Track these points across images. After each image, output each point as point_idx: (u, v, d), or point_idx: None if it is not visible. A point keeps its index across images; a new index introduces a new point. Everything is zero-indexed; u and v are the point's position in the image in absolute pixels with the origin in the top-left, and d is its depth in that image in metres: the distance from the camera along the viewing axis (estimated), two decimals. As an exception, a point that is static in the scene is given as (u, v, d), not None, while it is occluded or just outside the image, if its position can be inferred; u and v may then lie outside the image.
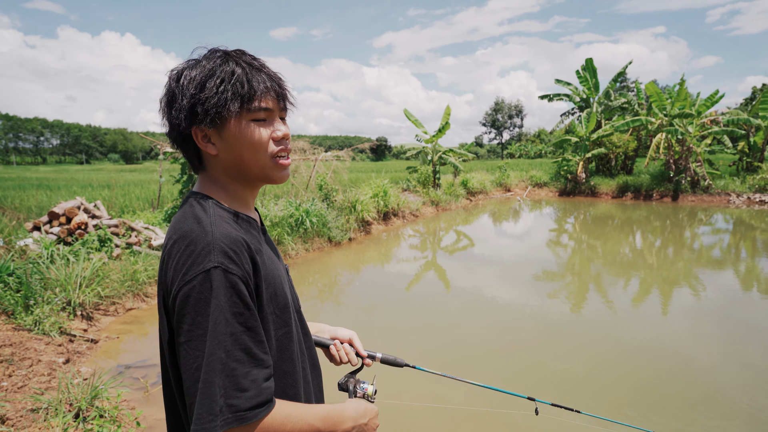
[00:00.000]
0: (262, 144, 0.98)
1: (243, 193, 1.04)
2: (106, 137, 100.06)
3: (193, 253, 0.87)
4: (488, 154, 78.87)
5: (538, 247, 10.77)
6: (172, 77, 0.97)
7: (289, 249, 8.97)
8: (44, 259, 5.72)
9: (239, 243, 0.91)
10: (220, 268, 0.86)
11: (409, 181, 18.31)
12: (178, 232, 0.92)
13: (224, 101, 0.93)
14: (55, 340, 4.56)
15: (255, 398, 0.85)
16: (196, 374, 0.83)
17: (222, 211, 0.97)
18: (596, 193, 20.81)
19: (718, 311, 6.07)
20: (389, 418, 3.50)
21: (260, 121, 0.98)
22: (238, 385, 0.84)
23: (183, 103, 0.95)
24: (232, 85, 0.94)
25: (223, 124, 0.96)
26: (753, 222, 13.55)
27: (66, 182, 18.74)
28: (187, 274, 0.86)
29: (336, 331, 1.34)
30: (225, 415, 0.82)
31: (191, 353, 0.84)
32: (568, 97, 24.34)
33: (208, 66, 0.95)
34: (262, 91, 0.96)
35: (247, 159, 0.98)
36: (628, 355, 4.74)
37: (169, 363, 0.94)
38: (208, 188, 1.02)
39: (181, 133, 0.98)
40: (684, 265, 8.80)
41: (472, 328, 5.56)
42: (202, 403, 0.82)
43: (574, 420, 1.44)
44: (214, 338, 0.84)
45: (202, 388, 0.82)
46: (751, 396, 3.84)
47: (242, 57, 0.98)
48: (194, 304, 0.85)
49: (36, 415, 3.09)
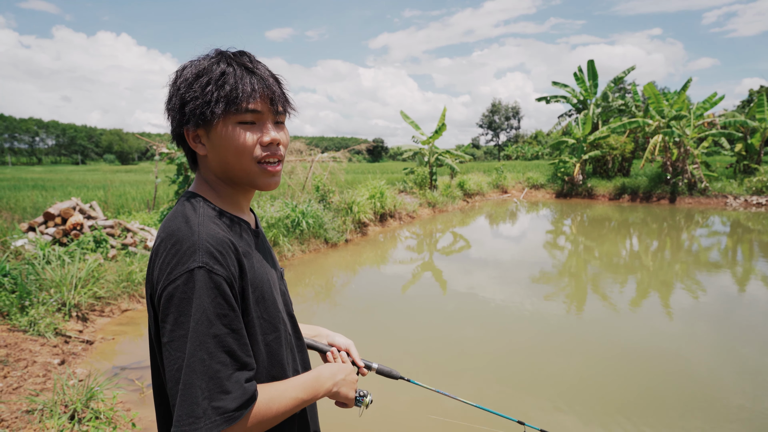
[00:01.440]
0: (246, 148, 0.95)
1: (234, 196, 1.03)
2: (101, 138, 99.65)
3: (179, 252, 0.87)
4: (485, 156, 78.95)
5: (535, 249, 10.79)
6: (171, 79, 0.98)
7: (285, 250, 8.96)
8: (39, 260, 5.69)
9: (225, 244, 0.90)
10: (205, 268, 0.85)
11: (405, 182, 18.31)
12: (166, 231, 0.92)
13: (208, 102, 0.92)
14: (50, 341, 4.54)
15: (240, 398, 0.85)
16: (176, 375, 0.83)
17: (211, 211, 0.97)
18: (593, 195, 20.87)
19: (715, 314, 6.09)
20: (378, 427, 3.49)
21: (248, 124, 0.95)
22: (222, 388, 0.83)
23: (175, 102, 0.96)
24: (218, 87, 0.92)
25: (209, 126, 0.94)
26: (750, 224, 13.61)
27: (61, 183, 18.67)
28: (171, 273, 0.86)
29: (334, 338, 1.34)
30: (212, 418, 0.82)
31: (173, 354, 0.84)
32: (566, 99, 24.41)
33: (200, 66, 0.95)
34: (248, 93, 0.93)
35: (232, 162, 0.96)
36: (624, 357, 4.75)
37: (159, 360, 0.94)
38: (201, 188, 1.02)
39: (175, 132, 0.98)
40: (681, 267, 8.83)
41: (468, 330, 5.55)
42: (182, 405, 0.81)
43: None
44: (195, 339, 0.83)
45: (182, 390, 0.82)
46: (749, 399, 3.85)
47: (238, 58, 0.96)
48: (177, 303, 0.84)
49: (31, 416, 3.07)
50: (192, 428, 0.80)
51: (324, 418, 1.44)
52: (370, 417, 3.37)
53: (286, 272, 8.12)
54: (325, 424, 1.57)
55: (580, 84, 23.23)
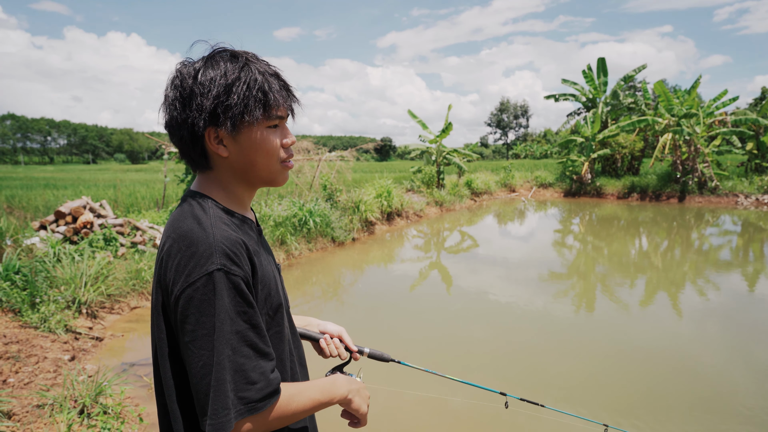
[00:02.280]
0: (276, 150, 1.02)
1: (242, 195, 1.07)
2: (112, 137, 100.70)
3: (195, 254, 0.89)
4: (493, 155, 78.69)
5: (543, 248, 10.74)
6: (187, 74, 0.97)
7: (293, 249, 9.00)
8: (50, 258, 5.77)
9: (239, 245, 0.93)
10: (223, 270, 0.88)
11: (413, 181, 18.30)
12: (177, 231, 0.93)
13: (248, 108, 0.96)
14: (60, 338, 4.60)
15: (264, 389, 0.90)
16: (202, 372, 0.87)
17: (220, 212, 0.98)
18: (602, 194, 20.72)
19: (724, 313, 6.04)
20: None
21: (273, 127, 1.02)
22: (248, 379, 0.88)
23: (205, 103, 0.95)
24: (255, 93, 0.96)
25: (241, 129, 0.98)
26: (761, 223, 13.44)
27: (72, 182, 18.89)
28: (190, 276, 0.88)
29: (325, 326, 1.36)
30: (237, 407, 0.87)
31: (196, 352, 0.87)
32: (575, 98, 24.23)
33: (231, 69, 0.96)
34: (278, 99, 1.00)
35: (260, 164, 1.02)
36: (632, 357, 4.72)
37: (165, 356, 0.95)
38: (208, 188, 1.03)
39: (194, 132, 0.97)
40: (690, 266, 8.75)
41: (474, 329, 5.55)
42: (216, 399, 0.86)
43: (539, 414, 1.73)
44: (221, 338, 0.87)
45: (214, 386, 0.86)
46: (761, 400, 3.82)
47: (260, 63, 1.00)
48: (198, 305, 0.87)
49: (42, 411, 3.12)
50: (226, 420, 0.86)
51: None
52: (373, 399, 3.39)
53: (293, 271, 8.17)
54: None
55: (589, 82, 23.05)
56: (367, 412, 1.14)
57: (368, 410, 1.14)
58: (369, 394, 1.18)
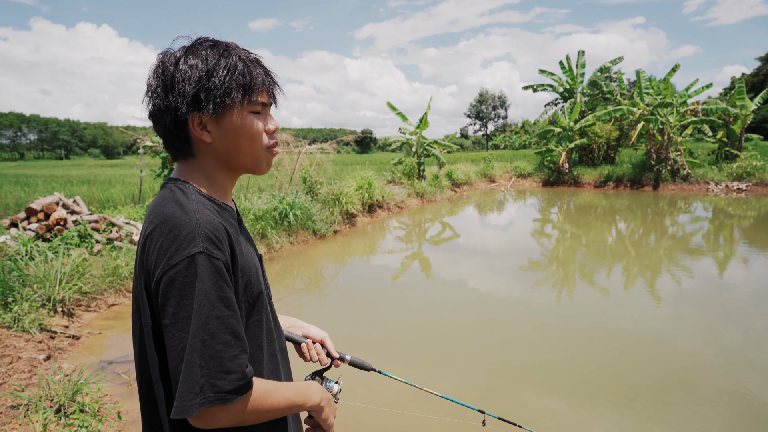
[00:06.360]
0: (259, 134, 1.03)
1: (224, 182, 1.07)
2: (85, 132, 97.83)
3: (177, 237, 0.89)
4: (473, 146, 79.13)
5: (523, 238, 10.89)
6: (168, 62, 0.98)
7: (274, 242, 8.94)
8: (22, 256, 5.62)
9: (221, 230, 0.93)
10: (205, 253, 0.88)
11: (393, 173, 18.31)
12: (159, 216, 0.93)
13: (229, 91, 0.97)
14: (35, 337, 4.50)
15: (238, 381, 0.88)
16: (180, 355, 0.86)
17: (202, 197, 0.98)
18: (579, 183, 21.06)
19: (698, 297, 6.23)
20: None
21: (256, 113, 1.03)
22: (224, 368, 0.87)
23: (186, 88, 0.96)
24: (236, 77, 0.98)
25: (223, 113, 0.98)
26: (730, 209, 13.86)
27: (44, 178, 18.36)
28: (171, 259, 0.88)
29: (309, 329, 1.35)
30: (206, 394, 0.85)
31: (176, 335, 0.87)
32: (552, 88, 24.51)
33: (212, 55, 0.98)
34: (260, 84, 1.01)
35: (244, 148, 1.02)
36: (610, 343, 4.84)
37: (150, 346, 0.95)
38: (189, 175, 1.03)
39: (177, 118, 0.97)
40: (664, 252, 8.98)
41: (456, 319, 5.61)
42: (185, 382, 0.85)
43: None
44: (198, 320, 0.86)
45: (185, 368, 0.85)
46: (733, 381, 3.96)
47: (240, 50, 1.02)
48: (179, 288, 0.87)
49: (16, 411, 3.06)
50: (191, 403, 0.84)
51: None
52: (349, 414, 3.40)
53: (275, 264, 8.12)
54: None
55: (566, 73, 23.34)
56: (332, 424, 1.16)
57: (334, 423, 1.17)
58: (335, 407, 1.19)
